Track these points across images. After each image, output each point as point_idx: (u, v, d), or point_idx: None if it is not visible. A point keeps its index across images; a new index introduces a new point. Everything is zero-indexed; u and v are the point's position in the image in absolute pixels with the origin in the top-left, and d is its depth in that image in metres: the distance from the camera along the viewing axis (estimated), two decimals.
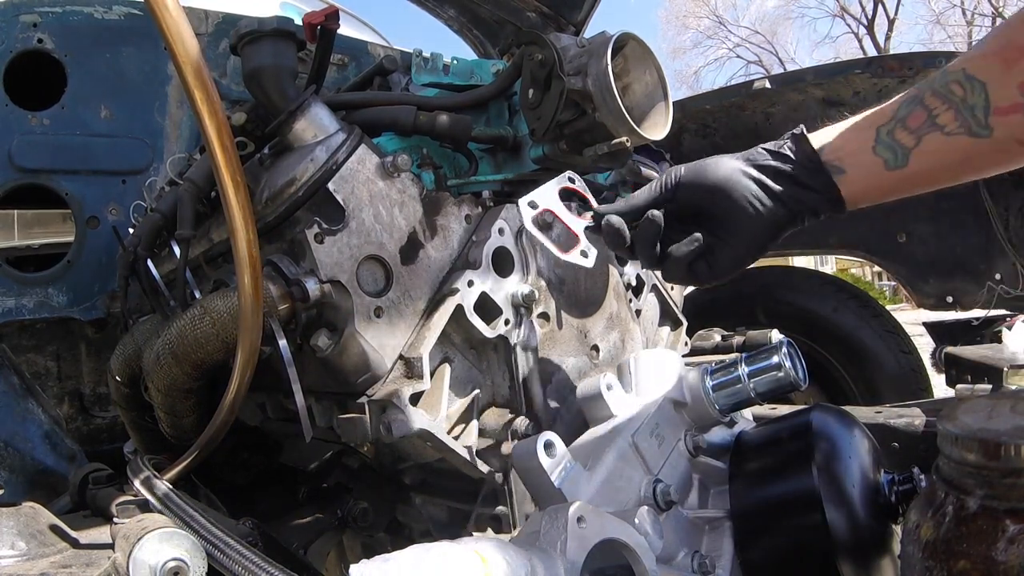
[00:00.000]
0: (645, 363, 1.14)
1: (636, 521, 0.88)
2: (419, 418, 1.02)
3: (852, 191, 0.89)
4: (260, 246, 0.92)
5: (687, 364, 1.18)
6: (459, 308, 1.09)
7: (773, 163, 0.90)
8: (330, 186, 1.01)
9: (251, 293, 0.91)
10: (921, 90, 0.85)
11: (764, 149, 0.92)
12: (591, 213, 1.02)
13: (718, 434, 1.16)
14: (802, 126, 0.93)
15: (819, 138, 0.91)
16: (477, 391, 1.15)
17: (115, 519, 0.84)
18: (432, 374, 1.08)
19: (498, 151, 1.32)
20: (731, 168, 0.91)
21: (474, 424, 1.11)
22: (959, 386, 1.87)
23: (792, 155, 0.90)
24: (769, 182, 0.90)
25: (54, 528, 0.86)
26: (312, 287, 1.00)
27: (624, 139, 1.09)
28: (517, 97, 1.26)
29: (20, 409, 1.64)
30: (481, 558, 0.70)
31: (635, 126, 1.08)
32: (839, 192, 0.89)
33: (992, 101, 0.81)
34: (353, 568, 0.68)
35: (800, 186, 0.90)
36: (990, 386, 1.72)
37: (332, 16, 1.12)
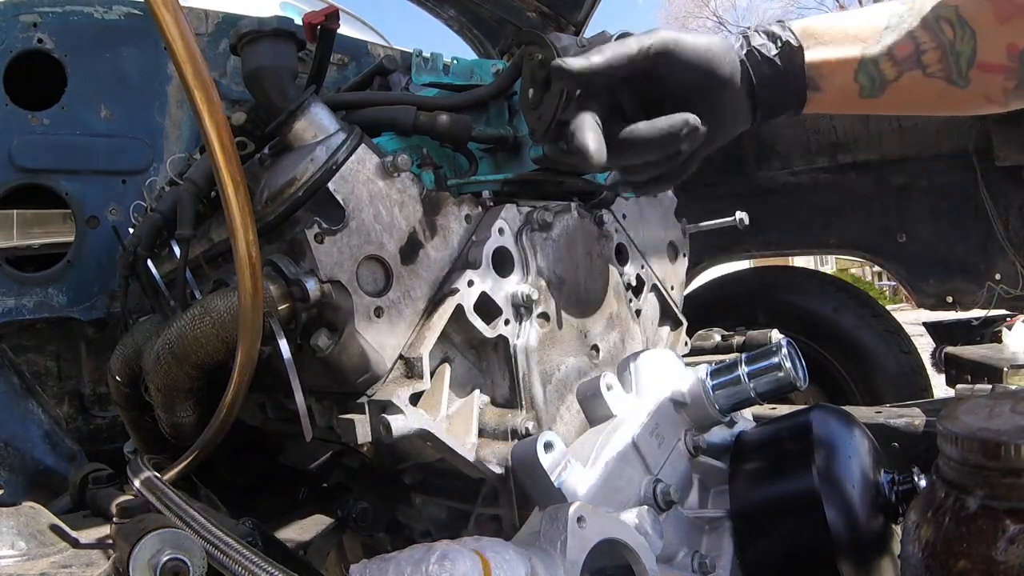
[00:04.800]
0: (645, 363, 1.14)
1: (636, 521, 0.88)
2: (419, 418, 1.02)
3: (818, 106, 0.87)
4: (260, 246, 0.92)
5: (687, 364, 1.18)
6: (459, 308, 1.09)
7: (766, 68, 0.84)
8: (330, 186, 1.01)
9: (251, 293, 0.91)
10: (911, 16, 0.83)
11: (757, 50, 0.84)
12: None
13: (718, 434, 1.16)
14: (788, 24, 0.86)
15: (804, 39, 0.85)
16: (477, 391, 1.15)
17: (115, 519, 0.84)
18: (432, 374, 1.08)
19: (498, 151, 1.32)
20: (726, 48, 0.83)
21: (474, 424, 1.11)
22: (959, 386, 1.87)
23: (780, 63, 0.84)
24: (755, 81, 0.84)
25: (54, 528, 0.86)
26: (312, 287, 1.00)
27: None
28: (517, 97, 1.26)
29: (20, 409, 1.64)
30: (481, 558, 0.70)
31: None
32: (804, 104, 0.86)
33: (978, 54, 0.80)
34: (353, 568, 0.68)
35: (777, 93, 0.85)
36: (990, 386, 1.72)
37: (332, 16, 1.11)
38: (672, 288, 1.59)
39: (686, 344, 1.64)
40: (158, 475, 0.99)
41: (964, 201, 2.01)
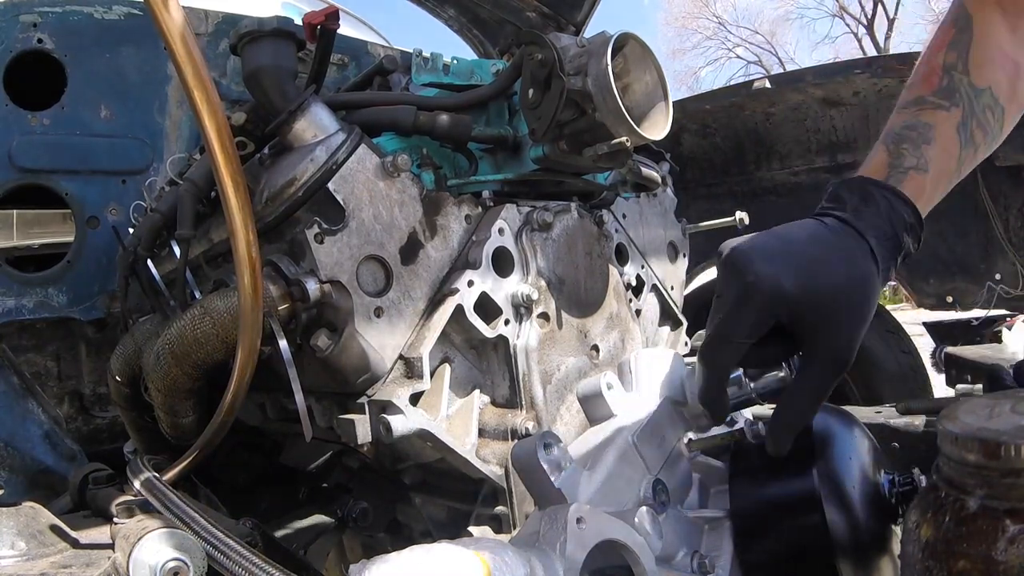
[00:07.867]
0: (645, 362, 1.14)
1: (636, 521, 0.88)
2: (419, 418, 1.02)
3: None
4: (260, 246, 0.92)
5: (687, 364, 1.18)
6: (459, 308, 1.09)
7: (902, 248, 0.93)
8: (330, 186, 1.01)
9: (251, 293, 0.91)
10: (968, 115, 0.89)
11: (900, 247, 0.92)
12: None
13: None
14: (904, 193, 0.91)
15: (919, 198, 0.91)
16: (477, 391, 1.15)
17: (115, 519, 0.84)
18: (432, 374, 1.08)
19: (498, 151, 1.32)
20: (865, 273, 0.88)
21: (474, 424, 1.11)
22: (959, 386, 1.87)
23: (914, 242, 0.93)
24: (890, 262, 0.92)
25: (54, 528, 0.86)
26: (312, 287, 1.00)
27: (624, 139, 1.09)
28: (517, 97, 1.26)
29: (20, 409, 1.64)
30: (481, 558, 0.70)
31: (635, 126, 1.08)
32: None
33: (1004, 128, 0.91)
34: (353, 568, 0.68)
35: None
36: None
37: (332, 16, 1.11)
38: (672, 288, 1.59)
39: (686, 344, 1.64)
40: (158, 475, 0.99)
41: (964, 201, 2.01)
